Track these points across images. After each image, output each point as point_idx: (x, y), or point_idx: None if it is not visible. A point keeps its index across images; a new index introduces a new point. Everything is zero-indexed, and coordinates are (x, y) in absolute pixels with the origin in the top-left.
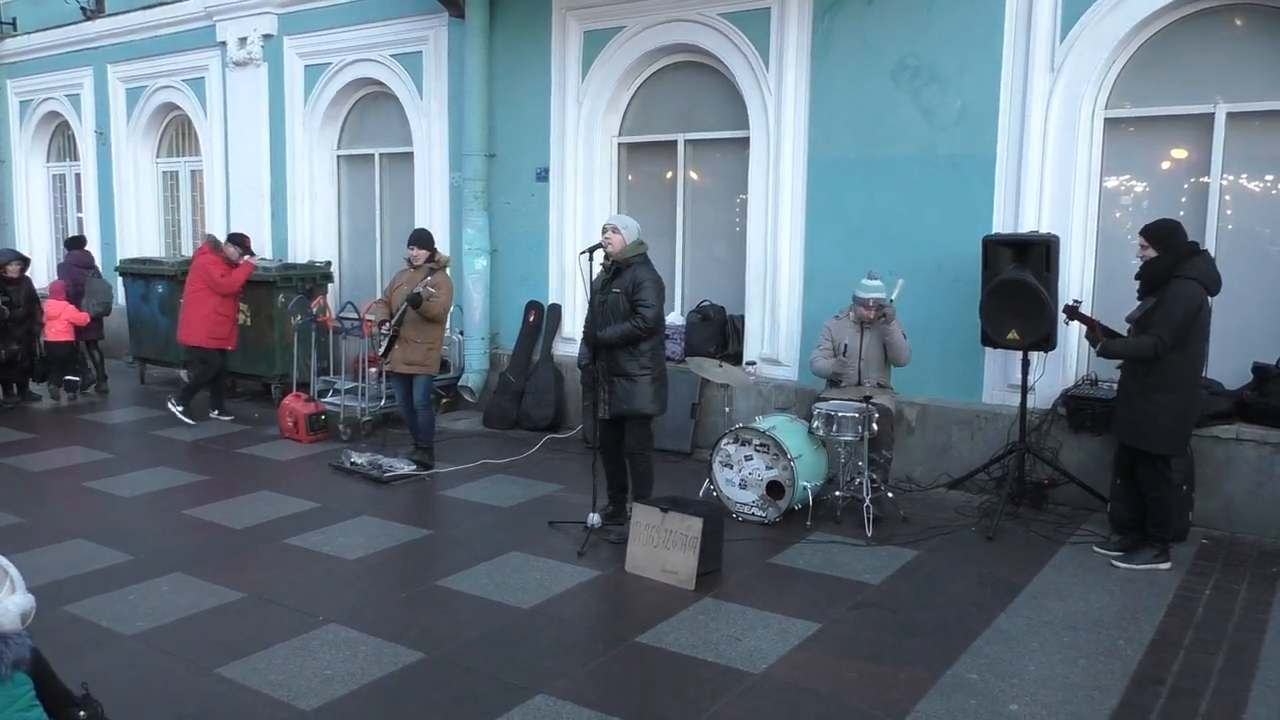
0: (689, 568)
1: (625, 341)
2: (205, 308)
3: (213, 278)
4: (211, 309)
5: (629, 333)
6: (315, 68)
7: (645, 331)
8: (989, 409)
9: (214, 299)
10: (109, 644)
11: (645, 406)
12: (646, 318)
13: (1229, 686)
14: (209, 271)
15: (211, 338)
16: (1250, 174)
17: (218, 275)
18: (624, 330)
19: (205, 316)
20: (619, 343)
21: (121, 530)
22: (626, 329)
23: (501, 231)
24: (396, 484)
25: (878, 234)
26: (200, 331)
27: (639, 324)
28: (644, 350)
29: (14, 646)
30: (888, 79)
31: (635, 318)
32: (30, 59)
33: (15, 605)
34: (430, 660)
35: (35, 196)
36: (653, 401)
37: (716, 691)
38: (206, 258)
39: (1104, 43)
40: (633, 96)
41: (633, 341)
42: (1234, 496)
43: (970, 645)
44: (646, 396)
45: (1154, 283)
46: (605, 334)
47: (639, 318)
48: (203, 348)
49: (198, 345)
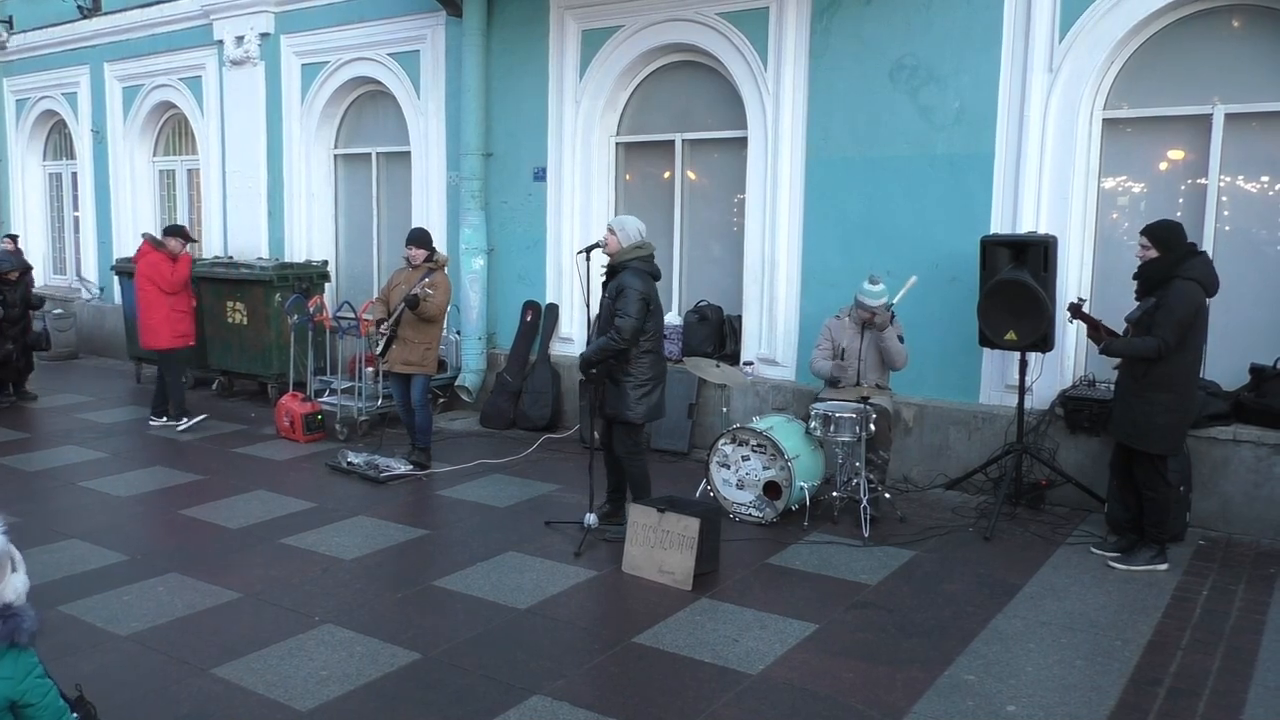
0: (686, 568)
1: (604, 357)
2: (163, 308)
3: (163, 277)
4: (169, 308)
5: (605, 348)
6: (312, 67)
7: (622, 343)
8: (986, 409)
9: (169, 297)
10: (104, 645)
11: (625, 412)
12: (621, 329)
13: (1226, 687)
14: (158, 271)
15: (175, 336)
16: (1248, 175)
17: (167, 274)
18: (600, 346)
19: (165, 318)
20: (598, 359)
21: (117, 530)
22: (603, 344)
23: (499, 231)
24: (393, 484)
25: (876, 234)
26: (164, 333)
27: (614, 337)
28: (630, 355)
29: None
30: (886, 79)
31: (612, 330)
32: (27, 57)
33: (22, 582)
34: (426, 661)
35: (32, 195)
36: (633, 408)
37: (714, 692)
38: (151, 257)
39: (1102, 44)
40: (630, 96)
41: (612, 356)
42: (1231, 497)
43: (968, 646)
44: (628, 403)
45: (1153, 283)
46: (584, 352)
47: (614, 330)
48: (173, 349)
49: (167, 348)
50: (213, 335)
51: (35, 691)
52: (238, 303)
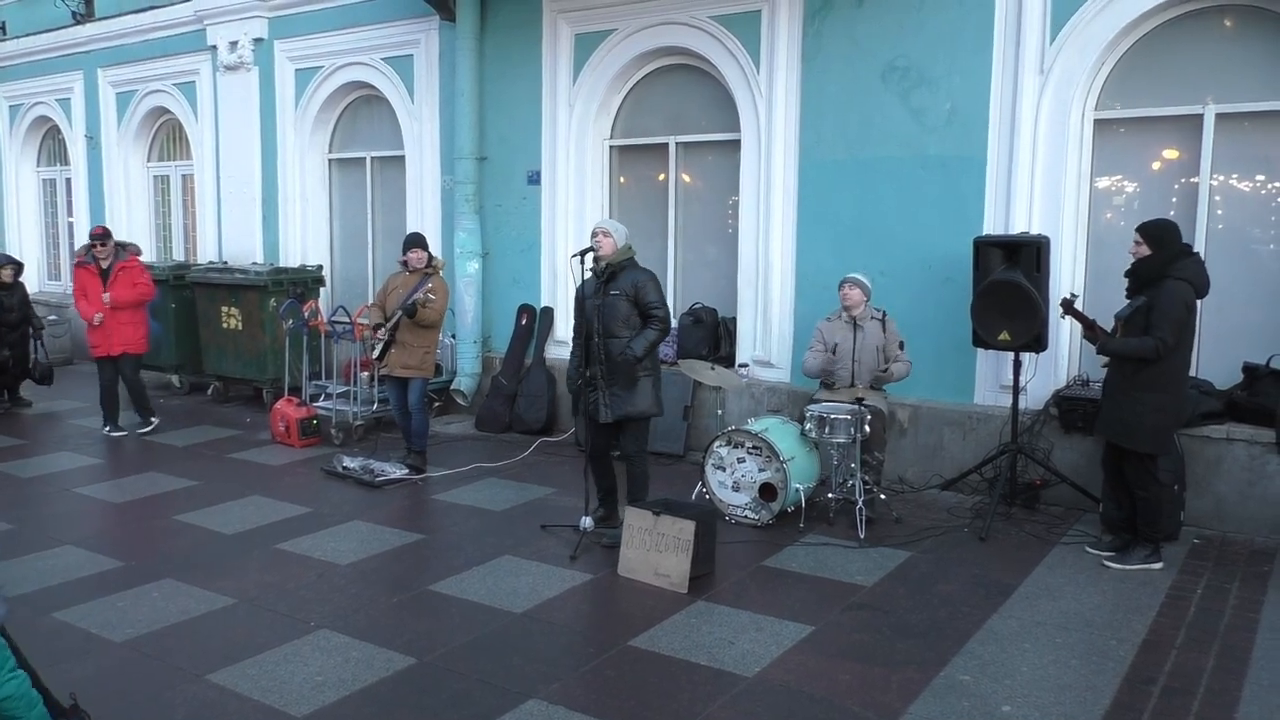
0: (682, 571)
1: (652, 349)
2: (125, 313)
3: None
4: (130, 312)
5: (655, 340)
6: (306, 71)
7: (665, 331)
8: (981, 410)
9: None
10: (99, 651)
11: (648, 408)
12: (663, 318)
13: (1221, 685)
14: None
15: (142, 339)
16: (1240, 174)
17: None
18: (651, 340)
19: (128, 321)
20: (647, 353)
21: (111, 536)
22: (653, 337)
23: (493, 235)
24: (389, 488)
25: (869, 235)
26: (136, 336)
27: (659, 328)
28: None
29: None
30: (878, 81)
31: (653, 322)
32: (20, 63)
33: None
34: (422, 665)
35: (25, 201)
36: (654, 403)
37: (710, 695)
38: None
39: (1093, 45)
40: (624, 99)
41: (656, 346)
42: (1225, 496)
43: (963, 646)
44: (649, 398)
45: (1144, 281)
46: (635, 349)
47: (656, 321)
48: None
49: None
50: (208, 341)
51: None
52: (232, 308)
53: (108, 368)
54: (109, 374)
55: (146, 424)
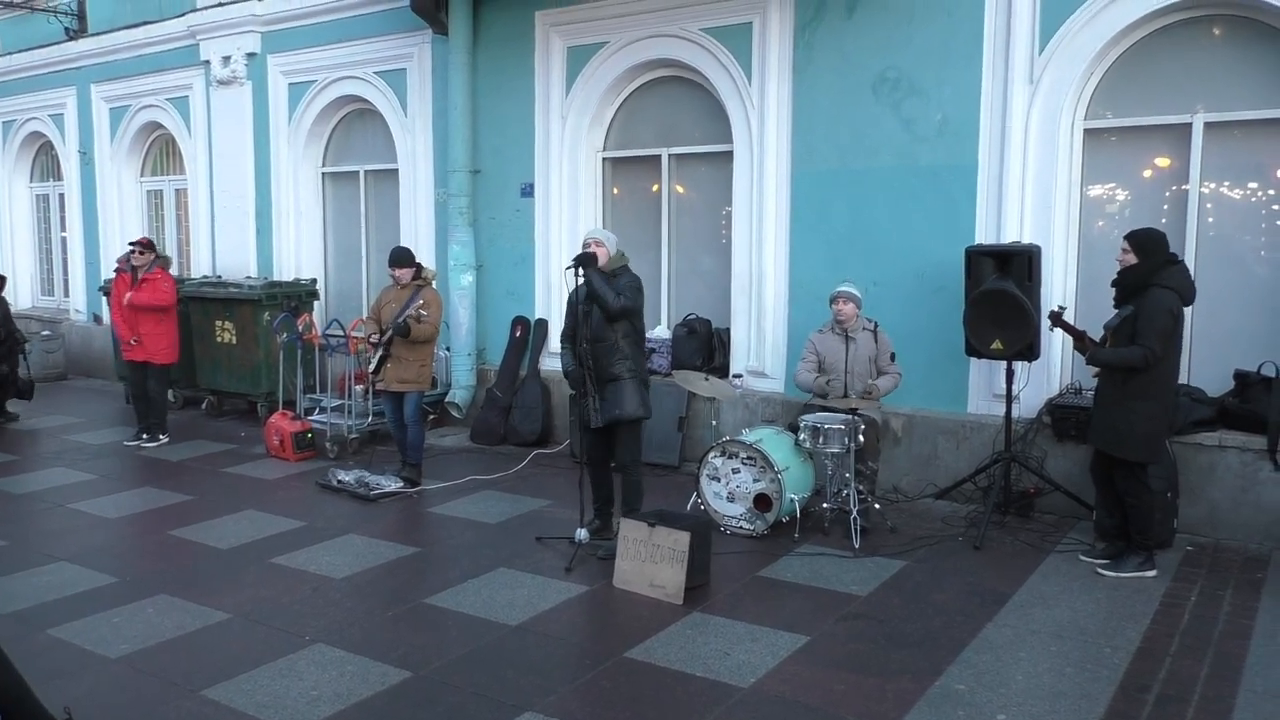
0: (677, 582)
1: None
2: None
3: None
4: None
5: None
6: (299, 85)
7: (624, 308)
8: (974, 419)
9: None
10: (93, 667)
11: (636, 410)
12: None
13: (1215, 693)
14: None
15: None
16: (1230, 182)
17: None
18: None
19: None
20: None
21: (105, 552)
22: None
23: (487, 247)
24: (384, 501)
25: (861, 245)
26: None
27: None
28: (626, 352)
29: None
30: (869, 92)
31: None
32: (13, 79)
33: None
34: (418, 679)
35: (19, 217)
36: (641, 405)
37: (705, 706)
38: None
39: (1082, 54)
40: (616, 111)
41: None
42: (1218, 503)
43: (958, 655)
44: (635, 401)
45: (1131, 289)
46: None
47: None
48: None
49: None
50: (202, 355)
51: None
52: (226, 322)
53: (137, 371)
54: (138, 377)
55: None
